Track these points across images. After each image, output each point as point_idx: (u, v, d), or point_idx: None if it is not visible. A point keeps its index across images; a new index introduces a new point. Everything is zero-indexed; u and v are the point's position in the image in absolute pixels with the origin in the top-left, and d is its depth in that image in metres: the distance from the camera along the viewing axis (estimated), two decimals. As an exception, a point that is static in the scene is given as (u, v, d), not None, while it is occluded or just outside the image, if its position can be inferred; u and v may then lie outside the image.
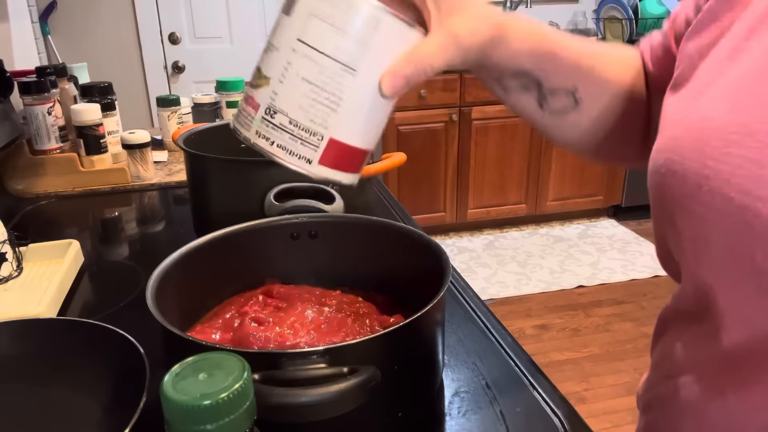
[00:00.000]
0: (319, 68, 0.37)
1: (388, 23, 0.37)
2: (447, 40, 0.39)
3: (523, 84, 0.46)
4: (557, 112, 0.49)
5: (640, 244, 2.97)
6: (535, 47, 0.44)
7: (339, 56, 0.37)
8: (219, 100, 1.35)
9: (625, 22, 2.93)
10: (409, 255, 0.59)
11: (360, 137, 0.40)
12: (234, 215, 0.64)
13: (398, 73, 0.38)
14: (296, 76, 0.38)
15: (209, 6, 2.83)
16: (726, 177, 0.32)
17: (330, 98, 0.38)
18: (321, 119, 0.38)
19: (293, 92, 0.38)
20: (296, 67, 0.38)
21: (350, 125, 0.39)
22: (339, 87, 0.38)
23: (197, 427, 0.25)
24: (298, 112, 0.38)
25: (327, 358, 0.41)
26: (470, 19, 0.40)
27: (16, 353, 0.55)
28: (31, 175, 1.14)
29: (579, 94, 0.48)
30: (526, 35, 0.44)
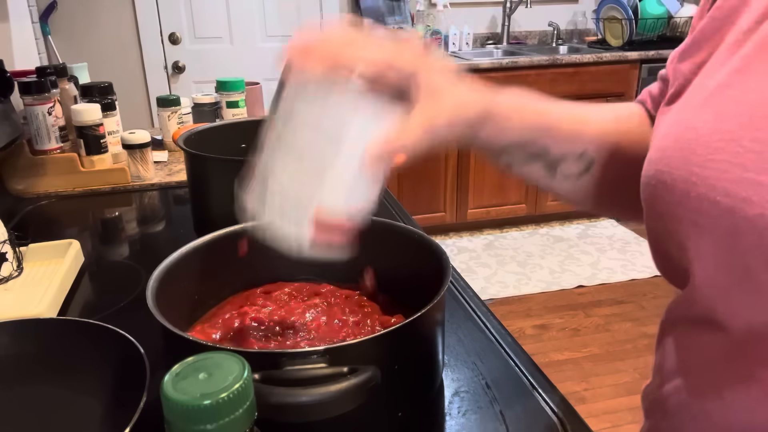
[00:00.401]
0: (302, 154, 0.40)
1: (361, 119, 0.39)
2: (423, 123, 0.39)
3: (528, 154, 0.46)
4: (570, 176, 0.48)
5: (640, 244, 2.97)
6: (527, 123, 0.44)
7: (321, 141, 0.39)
8: (219, 100, 1.35)
9: (624, 23, 2.93)
10: (409, 255, 0.59)
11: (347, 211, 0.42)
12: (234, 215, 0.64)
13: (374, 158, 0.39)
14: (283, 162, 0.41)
15: (209, 6, 2.83)
16: (712, 182, 0.33)
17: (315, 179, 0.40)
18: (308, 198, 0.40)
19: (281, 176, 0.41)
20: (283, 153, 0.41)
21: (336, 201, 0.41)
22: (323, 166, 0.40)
23: (197, 427, 0.25)
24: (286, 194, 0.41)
25: (327, 357, 0.41)
26: (452, 105, 0.40)
27: (16, 353, 0.55)
28: (32, 175, 1.14)
29: (590, 154, 0.47)
30: (514, 113, 0.44)
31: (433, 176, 2.94)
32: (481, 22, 3.30)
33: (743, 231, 0.32)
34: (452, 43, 3.11)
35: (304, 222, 0.40)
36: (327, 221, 0.40)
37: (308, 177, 0.40)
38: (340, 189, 0.41)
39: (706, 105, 0.36)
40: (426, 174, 2.92)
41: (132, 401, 0.44)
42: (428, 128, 0.39)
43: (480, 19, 3.30)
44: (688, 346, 0.41)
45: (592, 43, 3.18)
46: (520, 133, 0.44)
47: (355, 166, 0.40)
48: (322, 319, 0.56)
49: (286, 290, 0.61)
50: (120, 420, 0.42)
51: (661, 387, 0.45)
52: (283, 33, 2.96)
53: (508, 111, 0.43)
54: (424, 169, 2.91)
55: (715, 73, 0.38)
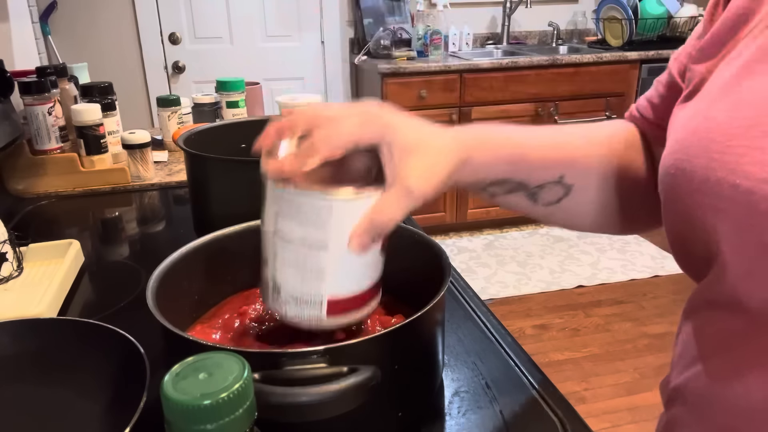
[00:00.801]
0: (296, 253, 0.43)
1: (339, 206, 0.41)
2: (400, 195, 0.40)
3: (507, 188, 0.47)
4: (551, 203, 0.49)
5: (640, 244, 2.97)
6: (502, 157, 0.45)
7: (308, 241, 0.42)
8: (219, 100, 1.35)
9: (624, 23, 2.93)
10: (409, 255, 0.58)
11: (355, 286, 0.45)
12: (234, 215, 0.64)
13: (362, 235, 0.41)
14: (282, 261, 0.44)
15: (209, 6, 2.83)
16: (731, 167, 0.34)
17: (315, 272, 0.43)
18: (314, 289, 0.44)
19: (286, 273, 0.44)
20: (280, 253, 0.44)
21: (341, 283, 0.44)
22: (318, 262, 0.43)
23: (197, 427, 0.25)
24: (295, 288, 0.44)
25: (327, 357, 0.41)
26: (425, 164, 0.41)
27: (16, 353, 0.55)
28: (32, 175, 1.14)
29: (567, 180, 0.48)
30: (485, 152, 0.45)
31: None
32: (481, 22, 3.30)
33: (761, 210, 0.33)
34: (452, 43, 3.11)
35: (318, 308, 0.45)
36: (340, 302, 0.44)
37: (310, 274, 0.43)
38: (342, 275, 0.44)
39: (724, 95, 0.38)
40: (426, 174, 2.92)
41: (132, 401, 0.44)
42: (406, 197, 0.40)
43: (480, 19, 3.30)
44: (710, 332, 0.41)
45: (592, 43, 3.18)
46: (495, 170, 0.45)
47: (348, 256, 0.42)
48: (322, 319, 0.56)
49: (286, 290, 0.61)
50: (120, 420, 0.42)
51: (681, 375, 0.45)
52: (283, 33, 2.96)
53: (479, 152, 0.44)
54: (424, 169, 2.90)
55: (728, 67, 0.39)
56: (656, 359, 2.10)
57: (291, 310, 0.45)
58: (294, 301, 0.45)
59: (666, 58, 2.92)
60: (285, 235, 0.43)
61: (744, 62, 0.37)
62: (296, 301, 0.45)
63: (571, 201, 0.49)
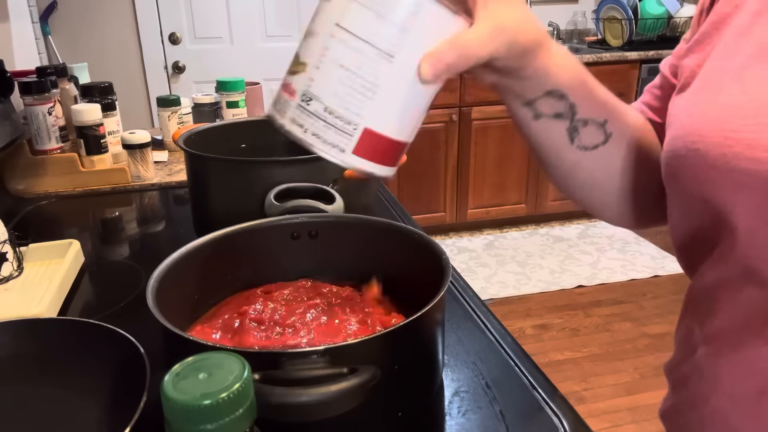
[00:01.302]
0: (356, 54, 0.36)
1: (429, 9, 0.36)
2: (495, 30, 0.37)
3: (557, 109, 0.45)
4: (587, 147, 0.48)
5: (640, 244, 2.97)
6: (572, 68, 0.44)
7: (377, 42, 0.36)
8: (219, 101, 1.35)
9: (624, 23, 2.93)
10: (409, 255, 0.59)
11: (396, 128, 0.39)
12: (234, 215, 0.64)
13: (439, 58, 0.37)
14: (333, 62, 0.37)
15: (209, 6, 2.83)
16: (749, 142, 0.36)
17: (366, 85, 0.37)
18: (356, 107, 0.37)
19: (329, 78, 0.37)
20: (333, 52, 0.37)
21: (386, 115, 0.38)
22: (376, 74, 0.36)
23: (197, 427, 0.25)
24: (333, 99, 0.37)
25: (327, 357, 0.41)
26: (519, 14, 0.38)
27: (16, 353, 0.55)
28: (32, 175, 1.14)
29: (609, 127, 0.48)
30: (564, 53, 0.43)
31: (433, 176, 2.94)
32: (481, 22, 3.30)
33: None
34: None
35: (349, 133, 0.38)
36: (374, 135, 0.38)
37: (360, 81, 0.37)
38: (391, 109, 0.38)
39: (729, 83, 0.40)
40: (426, 174, 2.92)
41: (132, 401, 0.44)
42: (497, 36, 0.37)
43: (480, 19, 3.29)
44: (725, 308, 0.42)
45: (592, 43, 3.18)
46: (563, 77, 0.43)
47: (407, 82, 0.37)
48: (322, 319, 0.56)
49: (286, 290, 0.61)
50: (120, 420, 0.42)
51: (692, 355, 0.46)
52: (283, 33, 2.96)
53: (558, 50, 0.43)
54: (424, 169, 2.91)
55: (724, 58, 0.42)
56: (656, 359, 2.10)
57: (314, 128, 0.38)
58: (325, 115, 0.37)
59: (666, 58, 2.92)
60: (347, 30, 0.36)
61: (745, 55, 0.40)
62: (328, 118, 0.37)
63: (604, 152, 0.49)
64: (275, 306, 0.58)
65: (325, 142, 0.38)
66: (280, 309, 0.57)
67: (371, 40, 0.36)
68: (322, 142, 0.38)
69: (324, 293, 0.60)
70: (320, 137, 0.38)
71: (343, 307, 0.58)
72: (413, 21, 0.36)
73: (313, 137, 0.38)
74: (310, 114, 0.38)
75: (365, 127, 0.38)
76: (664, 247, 2.92)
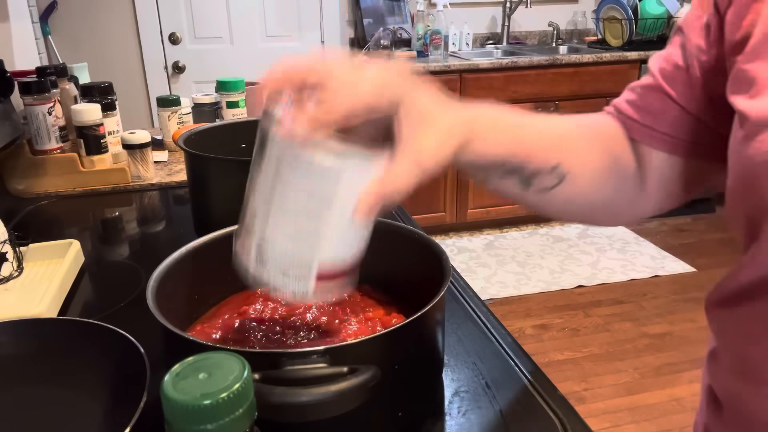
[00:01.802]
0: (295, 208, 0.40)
1: (351, 170, 0.39)
2: (412, 167, 0.39)
3: (503, 171, 0.47)
4: (545, 189, 0.49)
5: (640, 244, 2.97)
6: (503, 141, 0.45)
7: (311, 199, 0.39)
8: (219, 100, 1.35)
9: (624, 23, 2.93)
10: (409, 255, 0.59)
11: (347, 255, 0.43)
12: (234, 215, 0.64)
13: (369, 203, 0.39)
14: (277, 215, 0.41)
15: (209, 6, 2.83)
16: None
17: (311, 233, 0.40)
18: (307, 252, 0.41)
19: (277, 229, 0.41)
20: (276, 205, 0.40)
21: (334, 251, 0.42)
22: (317, 222, 0.40)
23: (197, 427, 0.25)
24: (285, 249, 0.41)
25: (327, 357, 0.41)
26: (436, 139, 0.40)
27: (16, 353, 0.55)
28: (32, 175, 1.14)
29: (562, 169, 0.48)
30: (490, 132, 0.44)
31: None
32: (481, 22, 3.30)
33: None
34: (452, 43, 3.11)
35: (306, 278, 0.42)
36: (329, 273, 0.42)
37: (305, 238, 0.41)
38: (338, 243, 0.42)
39: None
40: (426, 174, 2.92)
41: (132, 401, 0.44)
42: (416, 170, 0.39)
43: (480, 19, 3.30)
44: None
45: (592, 43, 3.18)
46: (497, 152, 0.45)
47: (348, 220, 0.40)
48: (322, 319, 0.56)
49: (286, 290, 0.61)
50: (120, 420, 0.42)
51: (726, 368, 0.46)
52: (283, 33, 2.96)
53: (485, 132, 0.44)
54: (424, 169, 2.91)
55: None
56: (656, 359, 2.10)
57: (275, 276, 0.42)
58: (281, 265, 0.42)
59: (666, 58, 2.92)
60: (284, 194, 0.40)
61: None
62: (284, 265, 0.42)
63: (563, 189, 0.50)
64: (275, 306, 0.58)
65: (287, 285, 0.42)
66: (280, 309, 0.57)
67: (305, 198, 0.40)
68: (285, 286, 0.42)
69: (324, 293, 0.60)
70: (283, 283, 0.42)
71: (343, 307, 0.58)
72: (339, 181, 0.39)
73: (277, 284, 0.42)
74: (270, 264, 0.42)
75: (320, 267, 0.41)
76: (664, 247, 2.92)
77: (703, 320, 2.21)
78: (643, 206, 0.55)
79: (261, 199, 0.41)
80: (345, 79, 0.39)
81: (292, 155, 0.39)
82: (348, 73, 0.39)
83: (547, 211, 0.53)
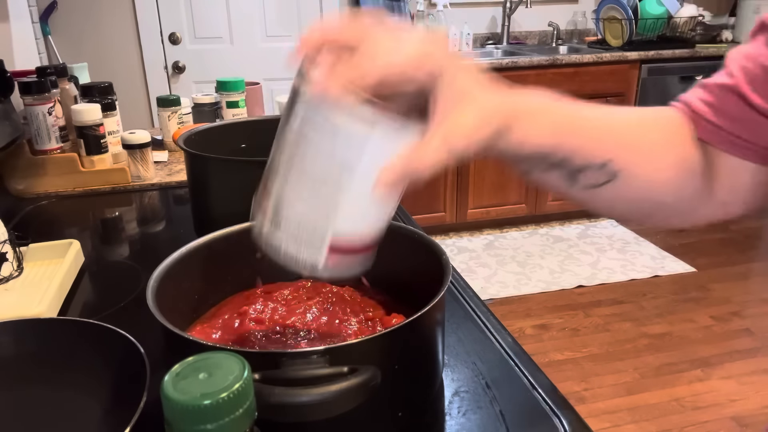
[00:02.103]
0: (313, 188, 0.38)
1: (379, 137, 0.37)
2: (442, 142, 0.37)
3: (545, 165, 0.43)
4: (593, 186, 0.45)
5: (640, 244, 2.97)
6: (547, 131, 0.41)
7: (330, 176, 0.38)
8: (219, 100, 1.35)
9: (624, 23, 2.93)
10: (409, 255, 0.59)
11: (364, 229, 0.41)
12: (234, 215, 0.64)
13: (392, 177, 0.37)
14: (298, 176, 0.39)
15: (209, 6, 2.83)
16: None
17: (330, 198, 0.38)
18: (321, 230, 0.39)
19: (296, 191, 0.39)
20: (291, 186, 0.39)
21: (351, 222, 0.40)
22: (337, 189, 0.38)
23: (197, 427, 0.25)
24: (301, 213, 0.39)
25: (327, 357, 0.41)
26: (473, 121, 0.37)
27: (16, 353, 0.55)
28: (32, 175, 1.14)
29: (613, 166, 0.44)
30: (534, 119, 0.41)
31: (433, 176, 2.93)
32: (481, 22, 3.30)
33: None
34: (452, 43, 3.11)
35: (319, 248, 0.40)
36: (342, 247, 0.40)
37: (322, 204, 0.39)
38: (355, 215, 0.40)
39: None
40: (426, 174, 2.92)
41: (132, 401, 0.44)
42: (446, 150, 0.37)
43: (480, 19, 3.30)
44: None
45: (592, 43, 3.18)
46: (539, 143, 0.41)
47: (369, 191, 0.38)
48: (322, 319, 0.56)
49: (286, 290, 0.61)
50: (120, 420, 0.42)
51: None
52: (283, 33, 2.96)
53: (527, 120, 0.40)
54: (424, 169, 2.91)
55: None
56: (656, 359, 2.10)
57: (287, 241, 0.40)
58: (295, 230, 0.40)
59: (666, 58, 2.92)
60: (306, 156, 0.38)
61: None
62: (297, 230, 0.40)
63: (616, 187, 0.45)
64: (275, 306, 0.58)
65: (298, 255, 0.40)
66: (280, 309, 0.57)
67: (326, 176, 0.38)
68: (295, 255, 0.40)
69: (324, 293, 0.60)
70: (294, 251, 0.40)
71: (343, 307, 0.58)
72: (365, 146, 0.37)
73: (287, 251, 0.40)
74: (283, 229, 0.40)
75: (332, 238, 0.40)
76: (664, 247, 2.92)
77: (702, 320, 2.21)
78: (710, 210, 0.50)
79: (283, 159, 0.39)
80: (384, 44, 0.36)
81: (320, 115, 0.37)
82: (387, 39, 0.37)
83: (597, 209, 0.49)
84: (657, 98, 2.96)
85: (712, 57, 2.98)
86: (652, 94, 2.97)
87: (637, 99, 2.99)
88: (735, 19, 3.23)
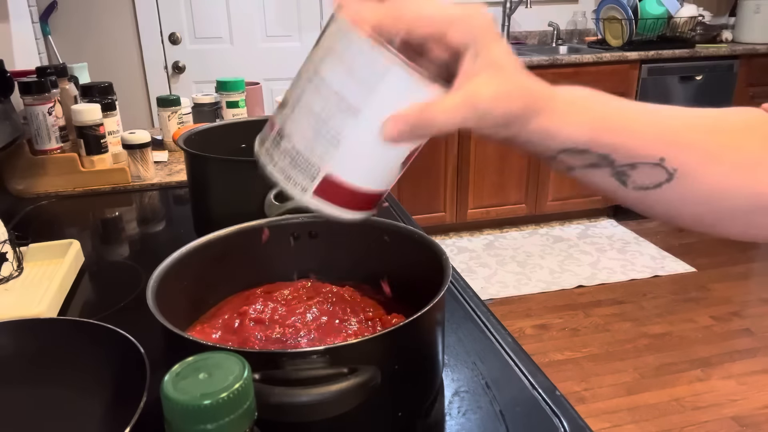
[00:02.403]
0: (326, 103, 0.37)
1: (398, 73, 0.36)
2: (464, 102, 0.35)
3: (585, 162, 0.39)
4: (647, 187, 0.40)
5: (640, 244, 2.97)
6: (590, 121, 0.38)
7: (345, 95, 0.36)
8: (219, 100, 1.35)
9: (624, 23, 2.93)
10: (409, 255, 0.59)
11: (361, 178, 0.40)
12: (234, 215, 0.64)
13: (401, 120, 0.35)
14: (306, 106, 0.38)
15: (209, 6, 2.83)
16: None
17: (332, 133, 0.37)
18: (320, 153, 0.38)
19: (301, 121, 0.38)
20: (308, 96, 0.38)
21: (349, 165, 0.39)
22: (342, 125, 0.37)
23: (197, 427, 0.25)
24: (301, 141, 0.38)
25: (327, 357, 0.41)
26: (500, 81, 0.35)
27: (16, 353, 0.55)
28: (32, 175, 1.14)
29: (670, 164, 0.39)
30: (569, 107, 0.38)
31: (433, 176, 2.94)
32: (481, 22, 3.30)
33: None
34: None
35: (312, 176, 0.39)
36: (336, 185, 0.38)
37: (326, 131, 0.37)
38: (355, 161, 0.38)
39: None
40: (426, 174, 2.92)
41: (132, 401, 0.44)
42: (467, 109, 0.35)
43: (480, 19, 3.29)
44: None
45: (592, 43, 3.18)
46: (574, 133, 0.38)
47: (372, 138, 0.37)
48: (322, 319, 0.56)
49: (286, 290, 0.61)
50: (120, 420, 0.42)
51: None
52: (283, 33, 2.96)
53: (561, 107, 0.37)
54: (424, 169, 2.91)
55: None
56: (656, 359, 2.10)
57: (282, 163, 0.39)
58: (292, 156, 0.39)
59: (666, 58, 2.92)
60: (324, 78, 0.37)
61: None
62: (295, 157, 0.39)
63: (673, 189, 0.40)
64: (275, 306, 0.58)
65: (288, 178, 0.39)
66: (280, 309, 0.57)
67: (340, 92, 0.37)
68: (285, 179, 0.40)
69: (324, 293, 0.60)
70: (285, 173, 0.39)
71: (343, 307, 0.58)
72: (380, 82, 0.36)
73: (279, 172, 0.40)
74: (280, 150, 0.39)
75: (327, 174, 0.39)
76: (664, 247, 2.92)
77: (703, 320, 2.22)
78: None
79: (305, 77, 0.38)
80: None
81: (347, 39, 0.36)
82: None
83: (654, 213, 0.43)
84: (657, 98, 2.96)
85: (712, 57, 2.98)
86: (652, 94, 2.97)
87: (637, 99, 2.98)
88: (735, 19, 3.23)
